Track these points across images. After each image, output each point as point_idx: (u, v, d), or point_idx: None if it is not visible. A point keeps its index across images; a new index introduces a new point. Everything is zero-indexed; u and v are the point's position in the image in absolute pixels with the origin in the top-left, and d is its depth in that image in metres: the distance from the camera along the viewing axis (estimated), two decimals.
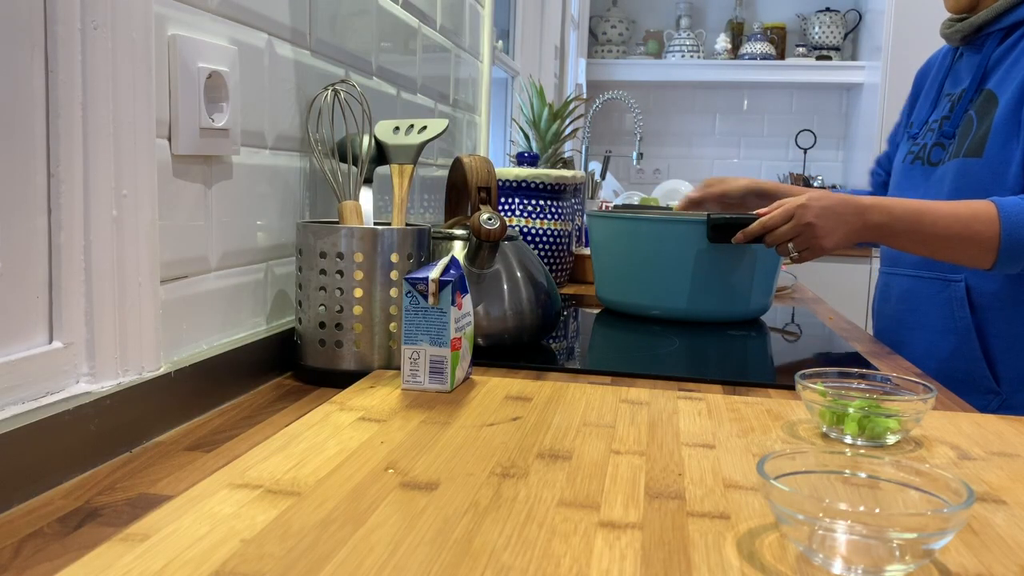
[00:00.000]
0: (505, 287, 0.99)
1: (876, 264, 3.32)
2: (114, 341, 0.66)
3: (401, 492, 0.56)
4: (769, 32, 4.10)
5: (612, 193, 3.26)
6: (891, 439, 0.71)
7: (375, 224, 0.95)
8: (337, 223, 0.93)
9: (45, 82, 0.62)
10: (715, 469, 0.63)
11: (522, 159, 1.65)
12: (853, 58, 4.02)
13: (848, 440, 0.71)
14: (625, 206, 1.43)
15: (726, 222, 1.23)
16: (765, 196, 1.45)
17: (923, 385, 0.75)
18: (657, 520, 0.53)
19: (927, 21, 3.38)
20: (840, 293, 3.34)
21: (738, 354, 1.09)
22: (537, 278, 1.03)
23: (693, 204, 1.46)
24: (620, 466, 0.63)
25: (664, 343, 1.14)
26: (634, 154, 2.48)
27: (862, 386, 0.78)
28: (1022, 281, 1.20)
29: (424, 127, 0.98)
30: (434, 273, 0.80)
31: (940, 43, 1.48)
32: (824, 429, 0.73)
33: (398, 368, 0.86)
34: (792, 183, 4.10)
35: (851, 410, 0.71)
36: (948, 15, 1.38)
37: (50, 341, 0.64)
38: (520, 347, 1.01)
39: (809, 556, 0.48)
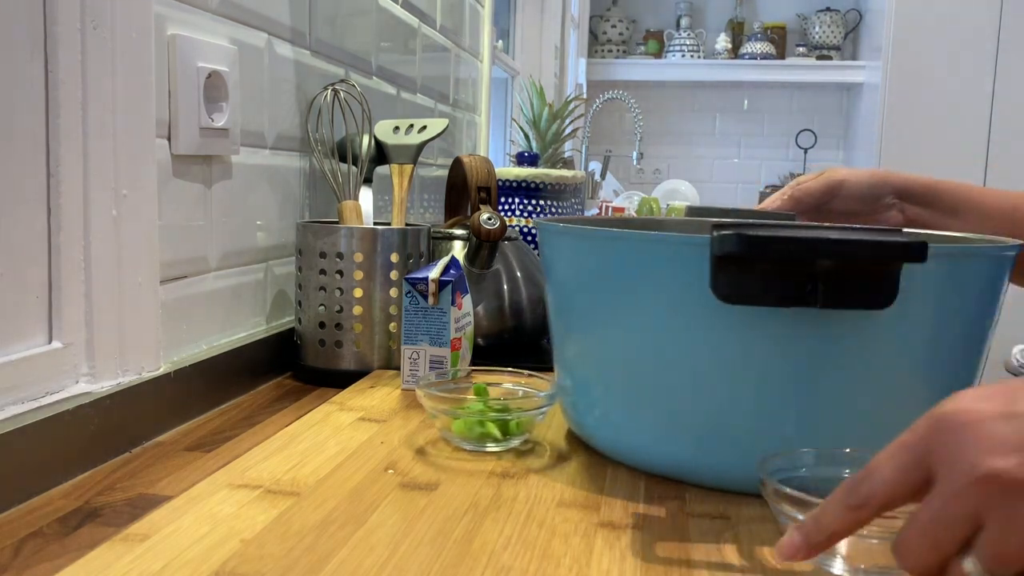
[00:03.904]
0: (505, 287, 0.99)
1: None
2: (114, 341, 0.66)
3: (401, 492, 0.56)
4: (769, 32, 4.10)
5: (612, 193, 3.26)
6: (492, 447, 0.64)
7: (375, 224, 0.95)
8: (337, 223, 0.93)
9: (45, 82, 0.62)
10: None
11: (522, 159, 1.65)
12: (853, 58, 4.02)
13: (466, 446, 0.65)
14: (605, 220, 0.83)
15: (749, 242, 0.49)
16: (877, 197, 0.83)
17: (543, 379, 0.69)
18: (657, 520, 0.53)
19: (927, 21, 3.38)
20: None
21: None
22: (537, 278, 1.03)
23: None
24: (620, 466, 0.63)
25: None
26: (634, 154, 2.48)
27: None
28: None
29: (424, 127, 0.98)
30: (434, 273, 0.80)
31: (939, 43, 1.47)
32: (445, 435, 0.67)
33: (398, 368, 0.86)
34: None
35: (457, 414, 0.64)
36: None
37: (50, 341, 0.64)
38: (520, 347, 1.01)
39: None
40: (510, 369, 0.74)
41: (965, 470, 0.37)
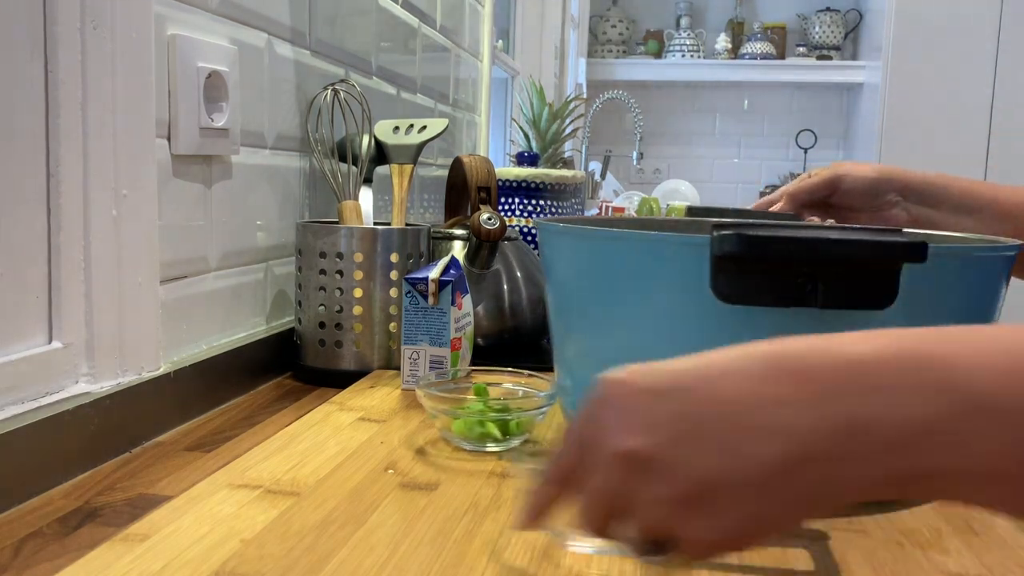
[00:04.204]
0: (505, 287, 0.99)
1: None
2: (114, 341, 0.66)
3: (401, 492, 0.56)
4: (769, 32, 4.10)
5: (612, 193, 3.26)
6: (492, 447, 0.65)
7: (375, 224, 0.95)
8: (337, 223, 0.93)
9: (44, 82, 0.62)
10: None
11: (522, 159, 1.65)
12: (853, 58, 4.02)
13: (466, 446, 0.65)
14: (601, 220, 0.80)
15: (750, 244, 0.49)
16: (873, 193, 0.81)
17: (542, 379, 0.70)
18: None
19: (928, 21, 3.38)
20: None
21: None
22: (537, 278, 1.03)
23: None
24: None
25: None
26: (634, 154, 2.48)
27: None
28: None
29: (424, 127, 0.98)
30: (434, 273, 0.80)
31: (939, 43, 1.46)
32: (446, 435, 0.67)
33: (398, 368, 0.86)
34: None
35: (457, 414, 0.65)
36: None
37: (49, 341, 0.64)
38: (520, 347, 1.01)
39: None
40: (510, 369, 0.74)
41: (601, 446, 0.36)
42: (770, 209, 0.84)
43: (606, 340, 0.60)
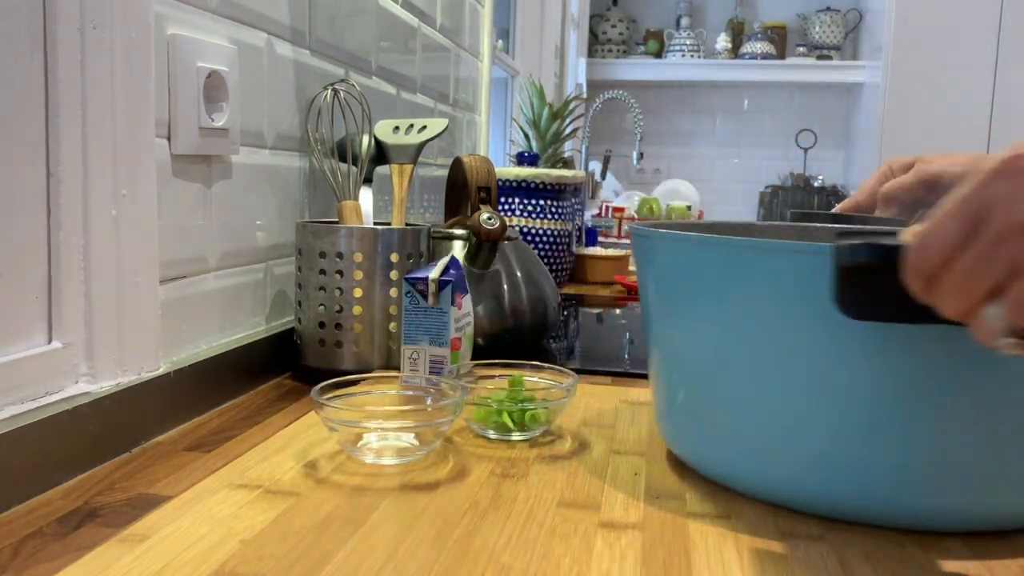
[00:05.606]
0: (505, 287, 0.99)
1: None
2: (113, 341, 0.66)
3: (401, 492, 0.56)
4: (769, 32, 4.10)
5: (612, 193, 3.26)
6: (517, 436, 0.68)
7: (375, 224, 0.95)
8: (337, 223, 0.93)
9: (44, 82, 0.62)
10: None
11: (522, 159, 1.65)
12: (854, 58, 4.02)
13: (491, 434, 0.69)
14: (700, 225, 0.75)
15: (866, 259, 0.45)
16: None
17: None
18: (657, 520, 0.53)
19: (928, 21, 3.38)
20: None
21: None
22: (537, 278, 1.03)
23: (860, 209, 0.81)
24: (620, 466, 0.63)
25: None
26: (634, 154, 2.47)
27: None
28: None
29: (424, 127, 0.98)
30: (434, 273, 0.80)
31: (939, 43, 1.46)
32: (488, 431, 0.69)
33: (398, 368, 0.86)
34: (793, 183, 4.08)
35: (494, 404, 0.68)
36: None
37: (49, 341, 0.64)
38: (520, 347, 1.01)
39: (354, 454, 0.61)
40: (534, 363, 0.77)
41: (1005, 214, 0.35)
42: (874, 212, 0.78)
43: (710, 351, 0.57)
